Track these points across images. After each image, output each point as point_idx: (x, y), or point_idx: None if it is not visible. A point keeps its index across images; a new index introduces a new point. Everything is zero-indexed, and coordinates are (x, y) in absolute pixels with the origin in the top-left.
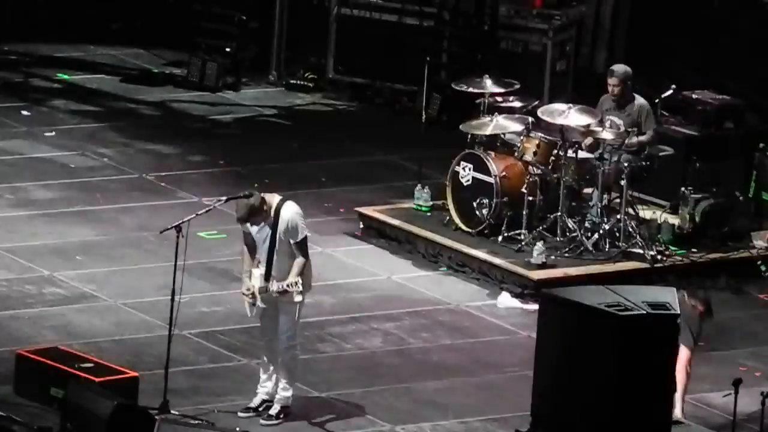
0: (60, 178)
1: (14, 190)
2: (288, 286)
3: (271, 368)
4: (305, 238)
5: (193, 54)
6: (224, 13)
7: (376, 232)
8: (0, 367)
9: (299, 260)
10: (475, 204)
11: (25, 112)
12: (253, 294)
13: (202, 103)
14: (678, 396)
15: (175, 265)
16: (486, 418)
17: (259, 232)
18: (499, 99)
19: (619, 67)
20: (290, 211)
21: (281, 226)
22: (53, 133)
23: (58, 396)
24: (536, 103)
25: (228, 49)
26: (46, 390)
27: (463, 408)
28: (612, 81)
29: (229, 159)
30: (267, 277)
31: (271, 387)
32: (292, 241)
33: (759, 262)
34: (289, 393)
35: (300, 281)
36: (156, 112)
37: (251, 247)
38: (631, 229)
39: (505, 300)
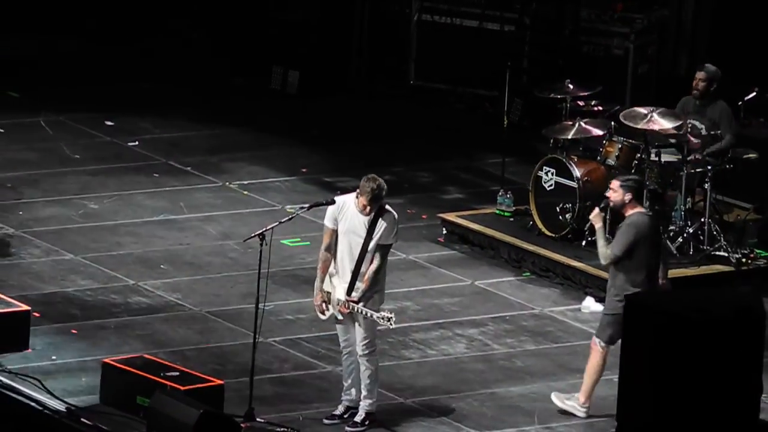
0: (144, 187)
1: (98, 200)
2: (380, 319)
3: (353, 375)
4: (391, 245)
5: (275, 62)
6: (304, 21)
7: (458, 238)
8: (87, 376)
9: (376, 263)
10: (558, 208)
11: (108, 122)
12: (326, 302)
13: (284, 111)
14: None
15: (259, 273)
16: (571, 423)
17: (348, 225)
18: (581, 103)
19: (712, 66)
20: (392, 214)
21: (378, 226)
22: (137, 143)
23: (144, 404)
24: (618, 107)
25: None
26: (132, 399)
27: (548, 413)
28: (700, 75)
29: (312, 166)
30: (351, 285)
31: (355, 394)
32: (382, 242)
33: None
34: (372, 400)
35: (393, 318)
36: (237, 121)
37: (331, 247)
38: (715, 232)
39: (590, 304)
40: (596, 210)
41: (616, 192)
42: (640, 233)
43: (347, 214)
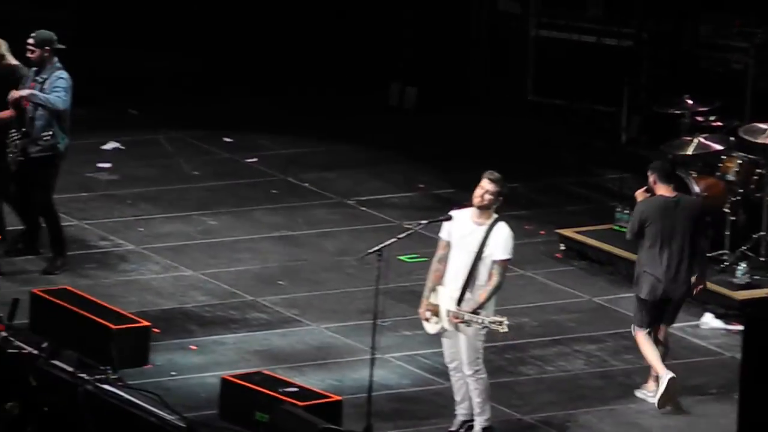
0: (262, 203)
1: (216, 216)
2: (492, 324)
3: (462, 390)
4: (508, 261)
5: (393, 78)
6: (420, 37)
7: (576, 254)
8: (205, 391)
9: (495, 281)
10: None
11: (227, 139)
12: (434, 313)
13: (401, 127)
14: None
15: (377, 289)
16: None
17: (462, 237)
18: (699, 119)
19: None
20: (506, 229)
21: (491, 241)
22: (255, 160)
23: (263, 420)
24: (737, 122)
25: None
26: (250, 414)
27: (667, 430)
28: None
29: (429, 182)
30: (461, 297)
31: (468, 408)
32: (496, 258)
33: None
34: (486, 416)
35: (506, 321)
36: (354, 137)
37: (444, 259)
38: None
39: (709, 321)
40: (641, 189)
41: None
42: (645, 215)
43: (461, 226)
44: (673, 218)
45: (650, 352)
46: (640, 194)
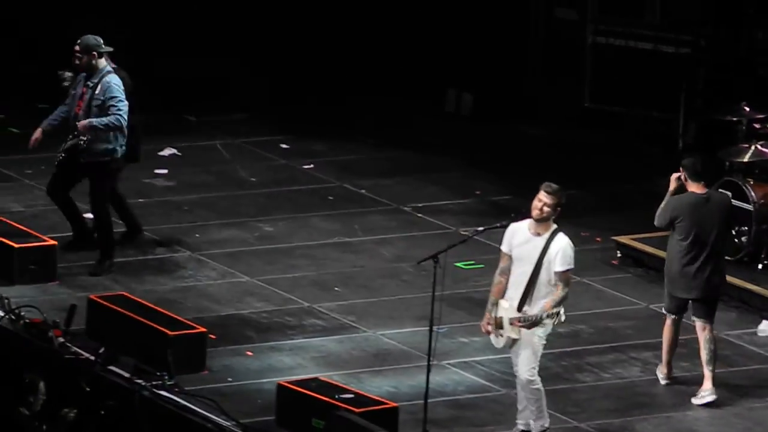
0: (319, 210)
1: (273, 222)
2: (550, 317)
3: (525, 399)
4: (570, 271)
5: (450, 85)
6: (477, 44)
7: (633, 261)
8: (262, 398)
9: (560, 292)
10: (734, 231)
11: (284, 145)
12: (497, 325)
13: (457, 133)
14: None
15: (433, 296)
16: None
17: (522, 248)
18: (757, 126)
19: None
20: (565, 239)
21: (551, 251)
22: (312, 166)
23: (320, 427)
24: None
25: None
26: (307, 421)
27: None
28: None
29: (486, 189)
30: (520, 307)
31: (528, 416)
32: (557, 270)
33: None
34: (542, 422)
35: (562, 312)
36: (411, 144)
37: (506, 272)
38: None
39: (766, 328)
40: (676, 174)
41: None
42: (677, 212)
43: (521, 238)
44: (703, 215)
45: (665, 341)
46: (674, 179)
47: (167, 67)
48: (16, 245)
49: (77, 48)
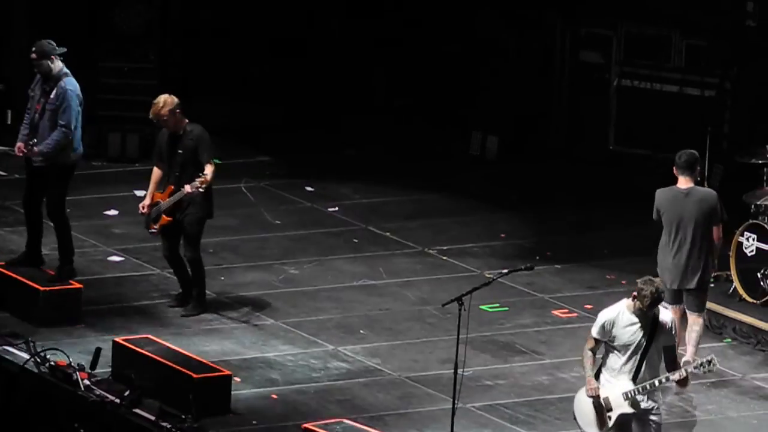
0: (344, 252)
1: (298, 265)
2: (700, 367)
3: None
4: (676, 347)
5: (474, 128)
6: (502, 86)
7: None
8: None
9: (679, 374)
10: (759, 275)
11: (309, 188)
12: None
13: (482, 176)
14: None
15: (458, 338)
16: None
17: (626, 335)
18: None
19: None
20: (670, 315)
21: (661, 331)
22: (337, 209)
23: None
24: None
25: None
26: None
27: None
28: None
29: (511, 232)
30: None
31: None
32: (665, 345)
33: None
34: None
35: (713, 358)
36: (436, 186)
37: (596, 351)
38: None
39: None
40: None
41: None
42: (658, 204)
43: (623, 326)
44: (682, 208)
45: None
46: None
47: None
48: (41, 288)
49: (33, 54)
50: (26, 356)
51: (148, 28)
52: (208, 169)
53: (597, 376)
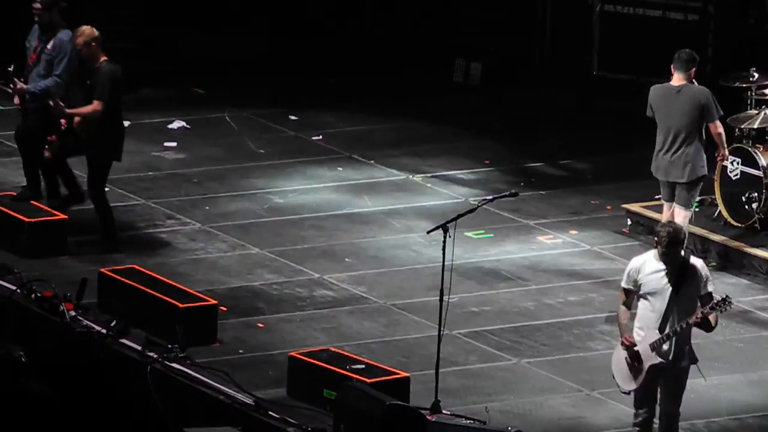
0: (328, 181)
1: (283, 194)
2: (719, 306)
3: None
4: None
5: (457, 55)
6: (484, 14)
7: (644, 229)
8: (273, 369)
9: (715, 320)
10: (743, 198)
11: (292, 117)
12: (637, 356)
13: (466, 103)
14: None
15: (443, 266)
16: None
17: (653, 283)
18: (766, 92)
19: None
20: (701, 262)
21: (691, 277)
22: (320, 137)
23: (331, 397)
24: None
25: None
26: (318, 392)
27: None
28: None
29: (495, 158)
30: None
31: None
32: (702, 293)
33: None
34: None
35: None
36: (419, 114)
37: (631, 305)
38: None
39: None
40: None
41: None
42: (651, 100)
43: (648, 273)
44: (672, 105)
45: None
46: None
47: (175, 39)
48: (26, 219)
49: (38, 4)
50: (12, 287)
51: None
52: (90, 106)
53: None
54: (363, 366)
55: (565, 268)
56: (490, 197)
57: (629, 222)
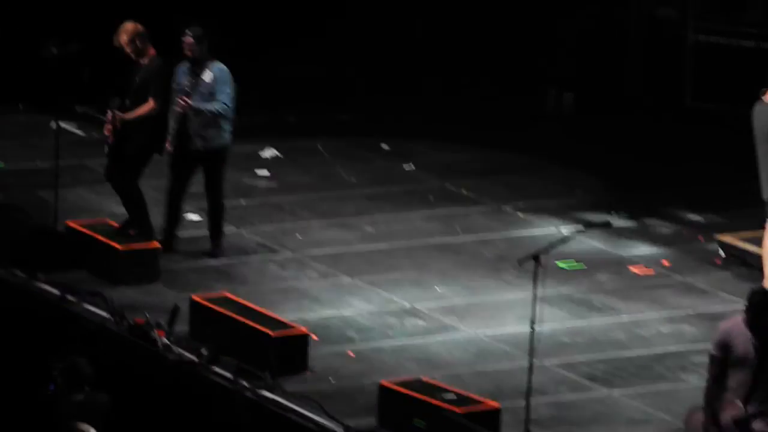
0: (419, 210)
1: (374, 223)
2: None
3: None
4: None
5: (549, 84)
6: (577, 43)
7: (737, 260)
8: (364, 398)
9: None
10: None
11: (384, 146)
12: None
13: (557, 132)
14: None
15: (535, 295)
16: None
17: (737, 344)
18: None
19: None
20: None
21: None
22: (412, 166)
23: (422, 427)
24: None
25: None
26: (409, 421)
27: None
28: None
29: (587, 188)
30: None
31: None
32: None
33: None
34: None
35: None
36: (511, 143)
37: (720, 379)
38: None
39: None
40: None
41: None
42: (752, 119)
43: (735, 336)
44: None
45: (764, 249)
46: None
47: (267, 66)
48: (120, 247)
49: (189, 38)
50: (105, 314)
51: None
52: (146, 105)
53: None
54: (454, 396)
55: (657, 299)
56: (583, 227)
57: (722, 253)
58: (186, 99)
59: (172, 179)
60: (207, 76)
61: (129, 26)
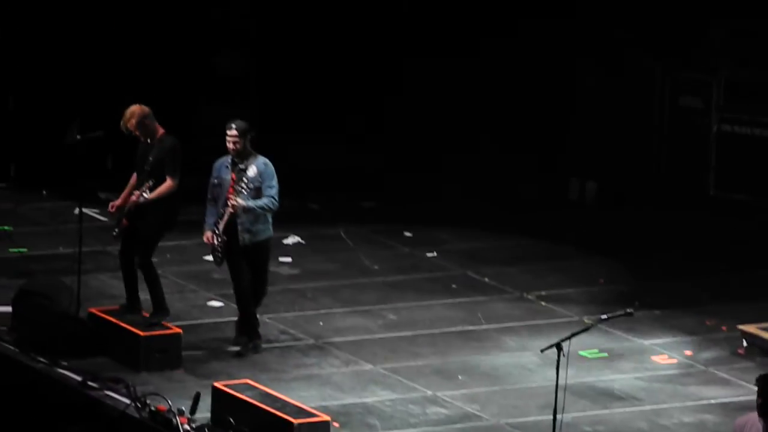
0: (442, 298)
1: (396, 310)
2: None
3: None
4: None
5: (572, 174)
6: (600, 132)
7: (760, 350)
8: None
9: None
10: None
11: (407, 234)
12: None
13: (581, 221)
14: None
15: (557, 384)
16: None
17: None
18: None
19: None
20: None
21: None
22: (435, 254)
23: None
24: None
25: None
26: None
27: None
28: None
29: (610, 277)
30: None
31: None
32: None
33: None
34: None
35: None
36: (534, 232)
37: None
38: None
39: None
40: None
41: None
42: None
43: (751, 430)
44: None
45: None
46: None
47: (288, 153)
48: (142, 333)
49: (233, 132)
50: (127, 401)
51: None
52: (165, 184)
53: None
54: None
55: (679, 388)
56: (605, 316)
57: (745, 343)
58: (236, 199)
59: (237, 278)
60: (251, 170)
61: (135, 109)
